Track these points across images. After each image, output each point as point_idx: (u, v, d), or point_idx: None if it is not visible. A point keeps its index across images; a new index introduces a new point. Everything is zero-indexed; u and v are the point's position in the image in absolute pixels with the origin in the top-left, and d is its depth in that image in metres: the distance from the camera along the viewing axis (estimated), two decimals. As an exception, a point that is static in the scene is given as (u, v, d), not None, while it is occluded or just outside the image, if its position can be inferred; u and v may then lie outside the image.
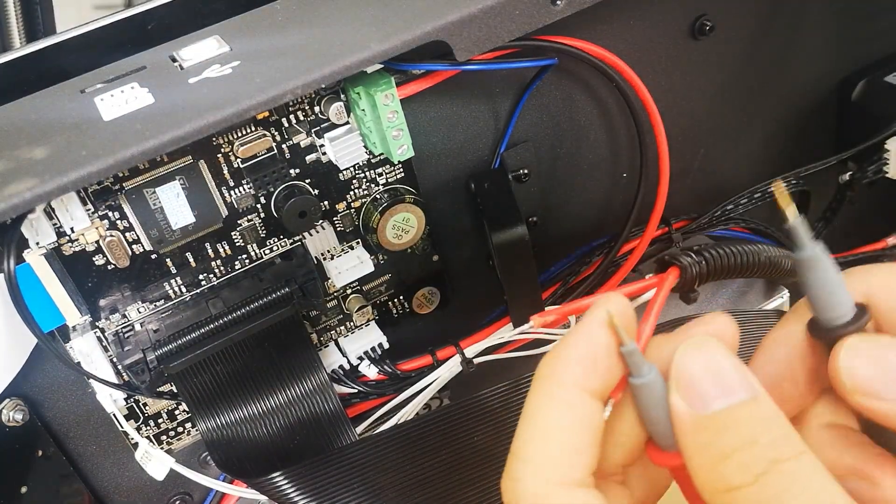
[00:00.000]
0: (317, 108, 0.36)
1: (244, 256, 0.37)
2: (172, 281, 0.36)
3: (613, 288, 0.44)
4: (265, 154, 0.35)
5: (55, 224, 0.33)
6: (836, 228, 0.50)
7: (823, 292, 0.23)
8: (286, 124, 0.35)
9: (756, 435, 0.20)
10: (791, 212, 0.22)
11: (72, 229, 0.33)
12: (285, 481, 0.34)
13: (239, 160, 0.35)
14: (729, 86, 0.46)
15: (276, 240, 0.38)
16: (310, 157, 0.36)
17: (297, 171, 0.36)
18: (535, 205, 0.43)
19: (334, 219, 0.39)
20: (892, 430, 0.22)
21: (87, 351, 0.35)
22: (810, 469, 0.20)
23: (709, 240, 0.48)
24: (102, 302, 0.35)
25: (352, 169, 0.38)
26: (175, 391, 0.37)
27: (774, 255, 0.29)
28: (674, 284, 0.26)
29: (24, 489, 0.37)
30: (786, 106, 0.49)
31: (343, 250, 0.39)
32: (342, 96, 0.36)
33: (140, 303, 0.36)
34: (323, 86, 0.31)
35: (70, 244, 0.34)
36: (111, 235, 0.34)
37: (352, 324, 0.42)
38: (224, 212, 0.36)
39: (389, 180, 0.39)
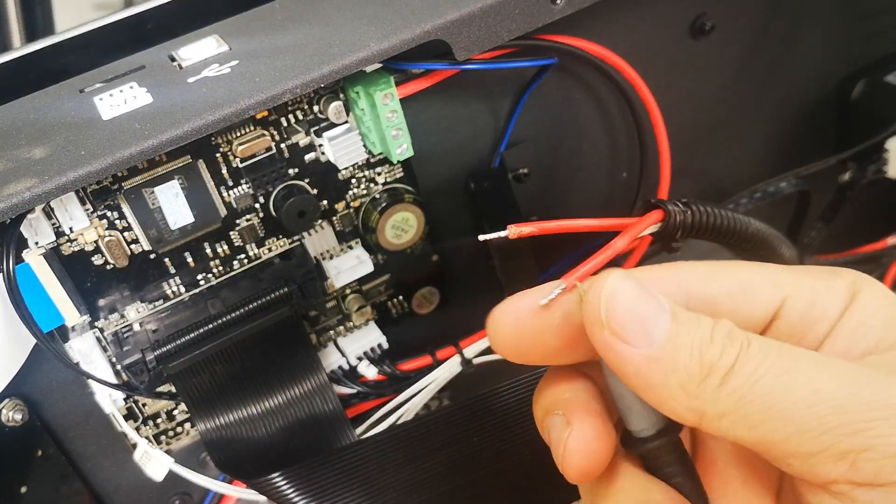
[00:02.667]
0: (316, 108, 0.36)
1: (243, 256, 0.37)
2: (171, 281, 0.36)
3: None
4: (264, 153, 0.35)
5: (54, 224, 0.33)
6: (836, 228, 0.50)
7: (624, 403, 0.23)
8: (285, 124, 0.35)
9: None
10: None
11: (71, 229, 0.33)
12: (284, 481, 0.34)
13: (238, 160, 0.35)
14: (729, 85, 0.46)
15: (275, 240, 0.38)
16: (309, 157, 0.36)
17: (296, 170, 0.36)
18: (535, 205, 0.43)
19: (333, 218, 0.39)
20: (619, 376, 0.22)
21: (86, 351, 0.35)
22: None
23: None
24: (101, 302, 0.35)
25: (351, 168, 0.38)
26: (174, 391, 0.37)
27: (765, 230, 0.29)
28: (655, 224, 0.26)
29: (23, 489, 0.37)
30: (786, 106, 0.49)
31: (342, 250, 0.39)
32: (341, 95, 0.35)
33: (139, 303, 0.36)
34: (322, 85, 0.31)
35: (69, 244, 0.33)
36: (110, 235, 0.34)
37: (351, 324, 0.42)
38: (223, 211, 0.36)
39: (389, 180, 0.39)
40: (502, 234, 0.25)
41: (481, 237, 0.26)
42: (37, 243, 0.32)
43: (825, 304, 0.23)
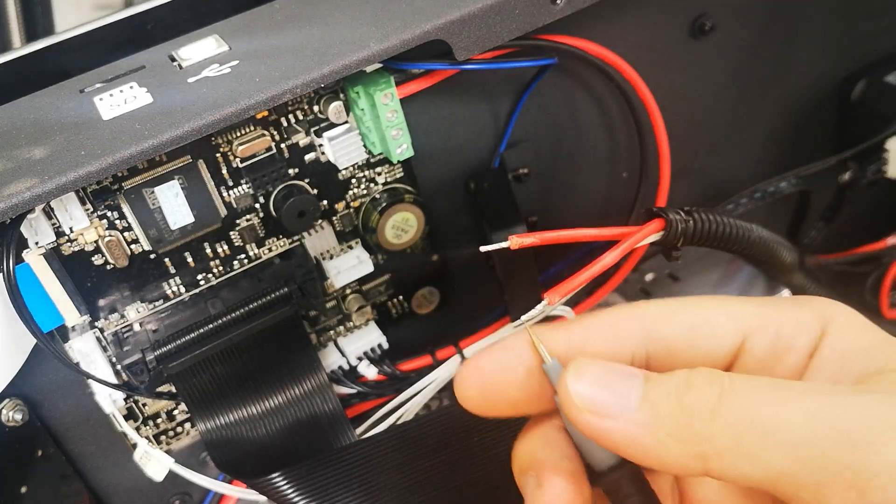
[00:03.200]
0: (316, 108, 0.36)
1: (243, 256, 0.37)
2: (171, 281, 0.36)
3: (614, 287, 0.44)
4: (264, 153, 0.35)
5: (54, 224, 0.33)
6: (836, 228, 0.50)
7: (584, 443, 0.24)
8: (285, 124, 0.35)
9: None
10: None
11: (71, 229, 0.33)
12: (284, 481, 0.34)
13: (238, 160, 0.35)
14: (729, 85, 0.46)
15: (275, 240, 0.38)
16: (309, 157, 0.36)
17: (296, 170, 0.36)
18: (535, 205, 0.43)
19: (333, 218, 0.39)
20: (618, 453, 0.22)
21: (86, 351, 0.35)
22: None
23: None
24: (101, 302, 0.35)
25: (351, 168, 0.38)
26: (174, 391, 0.37)
27: (767, 237, 0.29)
28: (656, 233, 0.26)
29: (23, 489, 0.37)
30: (786, 106, 0.49)
31: (342, 250, 0.39)
32: (341, 95, 0.35)
33: (139, 303, 0.36)
34: (322, 85, 0.31)
35: (69, 244, 0.33)
36: (110, 235, 0.34)
37: (351, 324, 0.42)
38: (223, 211, 0.36)
39: (389, 180, 0.39)
40: (504, 244, 0.25)
41: (483, 248, 0.26)
42: (37, 243, 0.32)
43: (792, 336, 0.23)
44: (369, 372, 0.41)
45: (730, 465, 0.20)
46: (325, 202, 0.38)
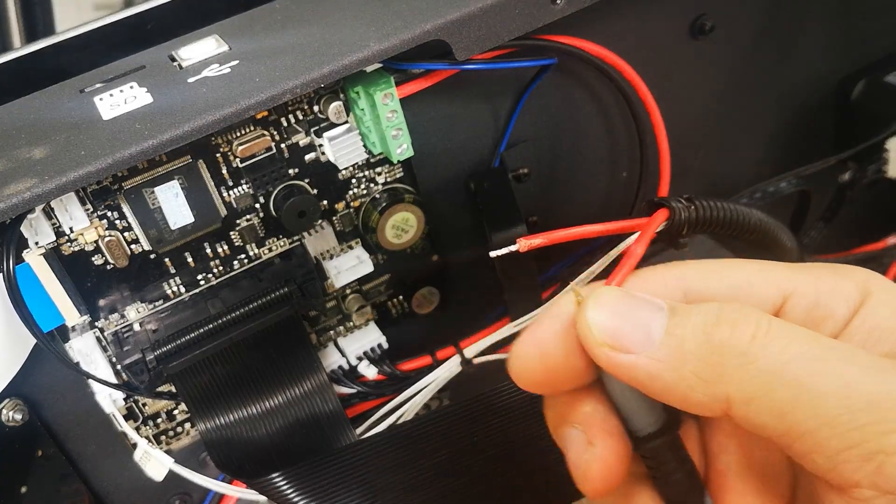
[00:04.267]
0: (316, 108, 0.36)
1: (243, 256, 0.37)
2: (171, 281, 0.36)
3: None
4: (264, 154, 0.35)
5: (54, 224, 0.33)
6: (836, 228, 0.50)
7: (622, 406, 0.23)
8: (285, 124, 0.35)
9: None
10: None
11: (71, 229, 0.33)
12: (284, 481, 0.34)
13: (238, 160, 0.35)
14: (729, 85, 0.46)
15: (275, 240, 0.38)
16: (309, 157, 0.36)
17: (296, 170, 0.36)
18: (535, 205, 0.43)
19: (333, 218, 0.39)
20: (631, 385, 0.21)
21: (86, 351, 0.35)
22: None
23: (709, 240, 0.48)
24: (101, 302, 0.35)
25: (351, 168, 0.38)
26: (174, 391, 0.37)
27: (767, 220, 0.30)
28: (661, 225, 0.26)
29: (23, 489, 0.37)
30: (786, 106, 0.49)
31: (342, 250, 0.39)
32: (341, 95, 0.35)
33: (139, 303, 0.36)
34: (322, 85, 0.31)
35: (69, 244, 0.33)
36: (110, 235, 0.34)
37: (351, 324, 0.42)
38: (223, 211, 0.36)
39: (389, 180, 0.39)
40: (513, 248, 0.25)
41: (492, 254, 0.26)
42: (37, 243, 0.32)
43: (832, 304, 0.22)
44: (369, 372, 0.41)
45: (754, 413, 0.19)
46: (325, 202, 0.38)
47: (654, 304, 0.21)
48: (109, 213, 0.34)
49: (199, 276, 0.37)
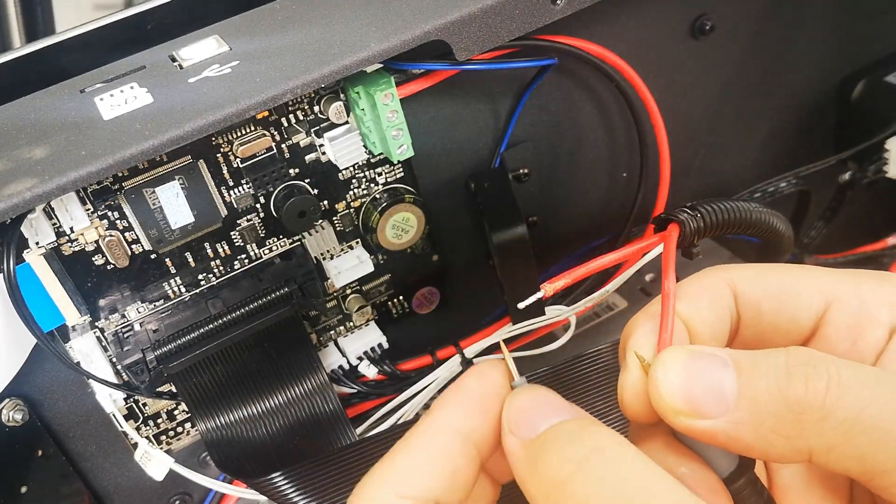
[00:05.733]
0: (316, 108, 0.36)
1: (244, 256, 0.37)
2: (172, 281, 0.36)
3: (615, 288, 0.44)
4: (264, 154, 0.35)
5: (55, 224, 0.33)
6: (836, 228, 0.50)
7: (704, 453, 0.23)
8: (285, 124, 0.35)
9: (578, 432, 0.20)
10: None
11: (71, 229, 0.33)
12: (285, 481, 0.34)
13: (238, 160, 0.35)
14: (729, 86, 0.46)
15: (275, 240, 0.38)
16: (309, 157, 0.36)
17: (297, 170, 0.36)
18: (535, 205, 0.43)
19: (334, 218, 0.39)
20: (715, 445, 0.21)
21: (86, 351, 0.35)
22: (631, 453, 0.20)
23: (709, 240, 0.48)
24: (102, 302, 0.35)
25: (351, 168, 0.38)
26: (174, 391, 0.37)
27: (764, 212, 0.30)
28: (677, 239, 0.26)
29: (24, 489, 0.37)
30: (786, 106, 0.49)
31: (343, 250, 0.39)
32: (342, 96, 0.35)
33: (139, 303, 0.36)
34: (322, 85, 0.31)
35: (69, 244, 0.33)
36: (110, 235, 0.34)
37: (351, 324, 0.42)
38: (223, 211, 0.36)
39: (389, 180, 0.39)
40: (538, 295, 0.25)
41: (521, 305, 0.26)
42: (37, 243, 0.32)
43: (875, 311, 0.22)
44: (369, 372, 0.41)
45: (835, 461, 0.19)
46: (325, 202, 0.38)
47: (718, 359, 0.21)
48: (110, 213, 0.34)
49: (200, 276, 0.37)
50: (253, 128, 0.35)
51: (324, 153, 0.36)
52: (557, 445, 0.20)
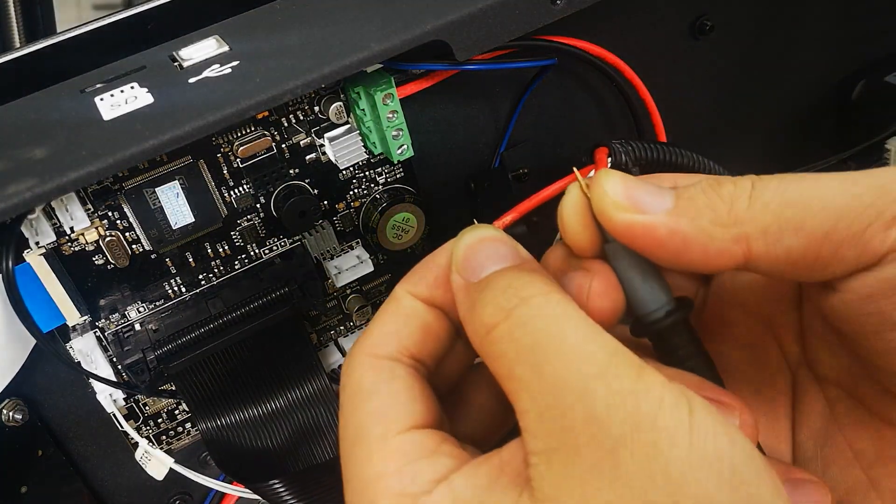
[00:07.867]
0: (316, 108, 0.36)
1: (244, 256, 0.37)
2: (172, 281, 0.36)
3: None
4: (265, 154, 0.35)
5: (55, 224, 0.33)
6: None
7: (634, 287, 0.23)
8: (286, 124, 0.35)
9: (512, 282, 0.21)
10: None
11: (71, 229, 0.33)
12: (283, 488, 0.34)
13: (238, 160, 0.35)
14: (729, 86, 0.46)
15: (275, 240, 0.38)
16: (309, 157, 0.36)
17: (297, 170, 0.36)
18: (535, 204, 0.43)
19: (334, 219, 0.39)
20: (656, 252, 0.22)
21: (86, 351, 0.35)
22: (558, 301, 0.20)
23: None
24: (102, 302, 0.35)
25: (351, 169, 0.38)
26: (175, 391, 0.37)
27: (698, 158, 0.32)
28: (607, 163, 0.28)
29: (24, 489, 0.37)
30: (785, 106, 0.49)
31: (343, 250, 0.39)
32: (342, 96, 0.35)
33: (140, 303, 0.36)
34: (322, 85, 0.31)
35: (70, 244, 0.33)
36: (111, 235, 0.34)
37: (351, 324, 0.42)
38: (224, 212, 0.36)
39: (389, 180, 0.39)
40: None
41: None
42: (37, 243, 0.32)
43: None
44: (369, 372, 0.41)
45: (773, 241, 0.20)
46: (325, 202, 0.38)
47: (657, 179, 0.23)
48: (110, 213, 0.34)
49: (200, 276, 0.37)
50: (253, 128, 0.35)
51: (324, 153, 0.36)
52: (493, 294, 0.21)
